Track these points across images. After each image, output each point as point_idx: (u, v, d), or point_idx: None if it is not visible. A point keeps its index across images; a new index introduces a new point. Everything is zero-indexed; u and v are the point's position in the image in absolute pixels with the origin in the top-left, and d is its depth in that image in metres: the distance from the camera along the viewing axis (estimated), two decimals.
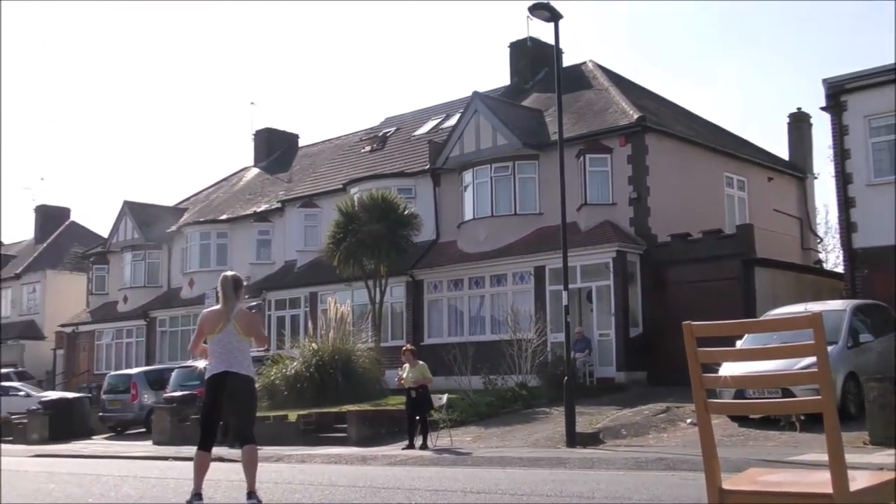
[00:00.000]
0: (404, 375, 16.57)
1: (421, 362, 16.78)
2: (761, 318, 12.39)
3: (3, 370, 39.04)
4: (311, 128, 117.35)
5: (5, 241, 58.96)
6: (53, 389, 37.70)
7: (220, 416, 8.48)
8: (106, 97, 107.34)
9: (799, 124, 32.16)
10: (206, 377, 8.36)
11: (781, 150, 32.65)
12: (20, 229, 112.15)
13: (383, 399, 22.16)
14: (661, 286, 24.04)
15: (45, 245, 51.21)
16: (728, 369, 10.22)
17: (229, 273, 8.54)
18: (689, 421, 15.91)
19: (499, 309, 26.30)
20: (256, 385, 8.88)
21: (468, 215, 28.07)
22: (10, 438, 26.74)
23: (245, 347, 8.27)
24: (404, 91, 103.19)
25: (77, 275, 46.77)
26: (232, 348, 8.16)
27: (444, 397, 17.36)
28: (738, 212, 27.78)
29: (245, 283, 8.52)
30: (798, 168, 31.48)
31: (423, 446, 15.97)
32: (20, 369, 41.50)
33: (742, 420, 14.85)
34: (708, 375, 3.56)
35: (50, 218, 53.71)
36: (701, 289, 22.79)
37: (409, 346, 18.05)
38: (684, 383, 3.97)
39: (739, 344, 12.23)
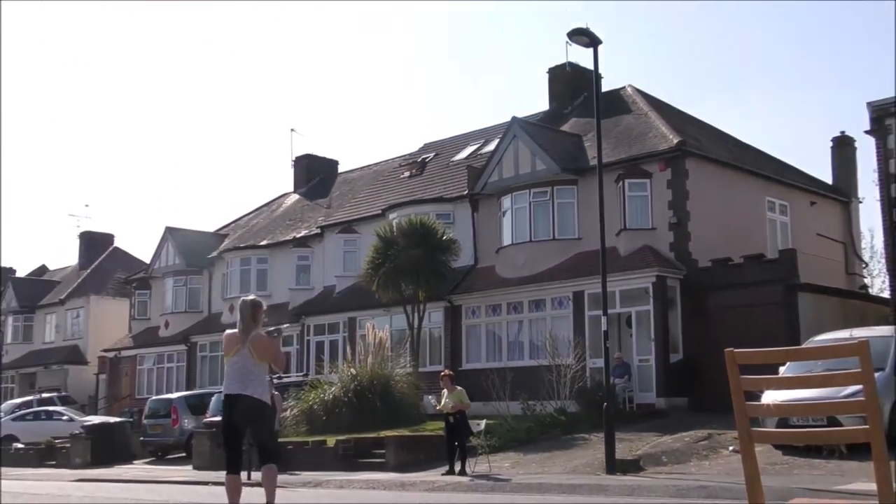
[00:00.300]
0: (442, 401, 16.53)
1: (459, 387, 16.78)
2: (805, 346, 12.18)
3: (47, 395, 39.59)
4: (351, 154, 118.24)
5: (51, 266, 59.95)
6: (96, 414, 38.10)
7: (240, 437, 8.51)
8: (148, 124, 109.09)
9: (843, 148, 31.77)
10: (222, 398, 8.47)
11: (825, 173, 32.28)
12: (65, 255, 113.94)
13: (422, 424, 22.11)
14: (701, 311, 23.77)
15: (88, 271, 51.87)
16: (771, 396, 10.06)
17: (248, 297, 8.63)
18: (731, 448, 15.66)
19: (537, 334, 26.16)
20: (295, 411, 9.01)
21: (507, 240, 28.01)
22: (54, 462, 27.08)
23: (259, 371, 8.32)
24: (443, 117, 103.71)
25: (120, 300, 47.29)
26: (247, 371, 8.24)
27: (483, 423, 17.27)
28: (781, 236, 27.45)
29: (265, 307, 8.59)
30: (842, 192, 31.06)
31: (462, 472, 15.89)
32: (63, 394, 41.96)
33: (786, 447, 14.58)
34: (751, 403, 3.50)
35: (94, 244, 54.41)
36: (743, 314, 22.49)
37: (446, 371, 18.03)
38: (726, 409, 3.90)
39: (782, 370, 12.05)
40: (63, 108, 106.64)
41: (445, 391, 16.56)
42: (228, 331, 8.68)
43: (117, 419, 30.60)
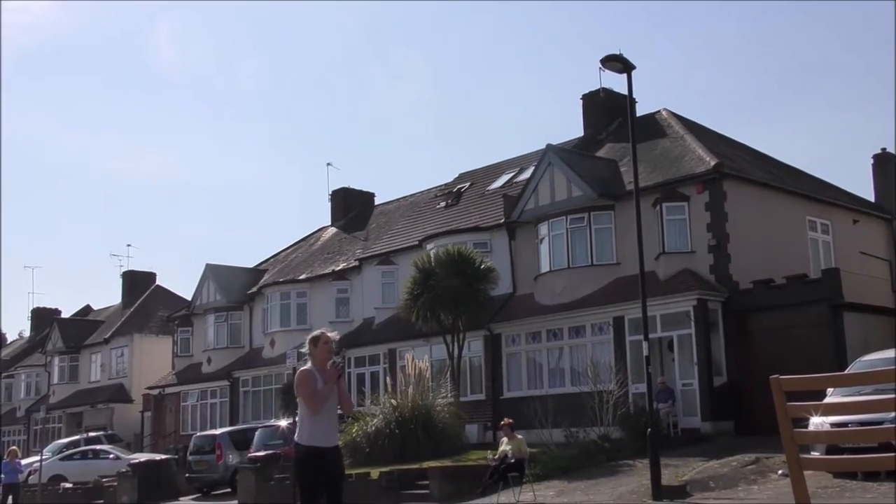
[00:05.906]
0: (500, 449, 16.41)
1: (519, 436, 16.68)
2: (854, 372, 11.98)
3: (94, 434, 39.97)
4: (387, 186, 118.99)
5: (95, 306, 60.73)
6: (142, 451, 38.35)
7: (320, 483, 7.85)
8: (187, 163, 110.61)
9: (884, 165, 31.40)
10: (310, 450, 7.82)
11: (867, 191, 31.90)
12: (108, 295, 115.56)
13: (464, 454, 22.02)
14: (745, 334, 23.50)
15: (132, 310, 52.47)
16: (819, 420, 9.91)
17: (330, 332, 8.11)
18: (780, 472, 15.40)
19: (578, 361, 25.99)
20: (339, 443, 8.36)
21: (544, 267, 27.92)
22: (101, 501, 27.29)
23: (301, 411, 7.86)
24: (477, 146, 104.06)
25: (163, 338, 47.74)
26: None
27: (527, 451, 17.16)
28: (823, 256, 27.09)
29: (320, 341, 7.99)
30: (885, 209, 30.65)
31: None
32: (110, 432, 42.31)
33: None
34: (800, 431, 3.46)
35: (136, 283, 55.09)
36: (787, 335, 22.23)
37: (507, 420, 17.66)
38: (773, 432, 3.84)
39: (830, 393, 11.86)
40: (103, 149, 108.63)
41: (505, 439, 16.46)
42: (305, 368, 7.88)
43: (163, 456, 30.76)
